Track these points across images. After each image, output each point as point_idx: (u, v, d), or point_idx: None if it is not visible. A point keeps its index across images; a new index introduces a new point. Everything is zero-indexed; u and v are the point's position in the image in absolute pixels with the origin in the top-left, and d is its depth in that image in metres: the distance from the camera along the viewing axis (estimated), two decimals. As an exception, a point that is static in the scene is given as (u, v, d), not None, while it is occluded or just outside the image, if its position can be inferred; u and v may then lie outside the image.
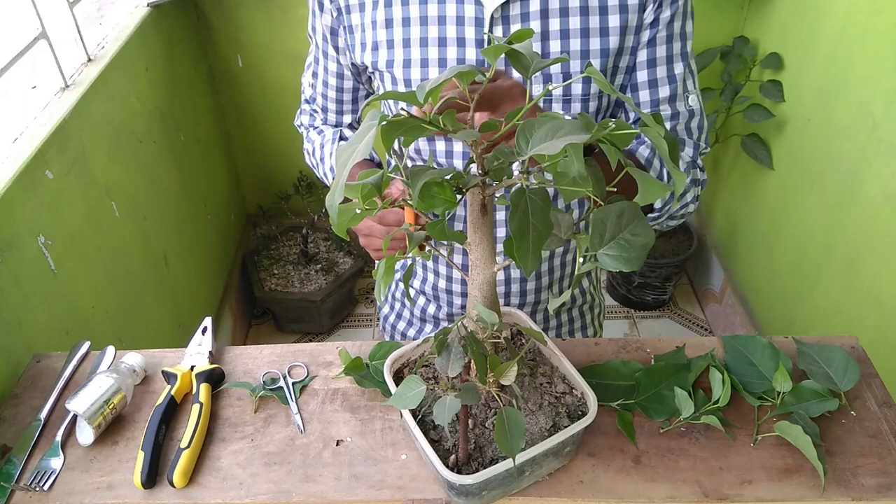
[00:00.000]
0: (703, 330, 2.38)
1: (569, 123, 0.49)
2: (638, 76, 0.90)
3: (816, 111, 1.76)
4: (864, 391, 0.82)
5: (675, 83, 0.91)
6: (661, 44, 0.89)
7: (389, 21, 0.89)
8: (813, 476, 0.73)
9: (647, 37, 0.88)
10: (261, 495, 0.73)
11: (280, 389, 0.84)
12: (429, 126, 0.53)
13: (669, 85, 0.91)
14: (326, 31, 0.96)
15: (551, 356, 0.77)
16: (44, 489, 0.74)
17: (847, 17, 1.62)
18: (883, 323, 1.47)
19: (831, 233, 1.66)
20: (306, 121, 1.13)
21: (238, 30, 2.10)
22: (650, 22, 0.87)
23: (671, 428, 0.79)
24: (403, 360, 0.77)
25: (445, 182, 0.57)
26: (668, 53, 0.89)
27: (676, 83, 0.91)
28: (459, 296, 1.09)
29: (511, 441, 0.59)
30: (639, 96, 0.92)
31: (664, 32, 0.88)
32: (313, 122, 1.12)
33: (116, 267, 1.46)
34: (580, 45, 0.86)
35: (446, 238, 0.61)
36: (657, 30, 0.88)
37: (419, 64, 0.89)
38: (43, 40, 1.29)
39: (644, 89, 0.91)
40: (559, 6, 0.85)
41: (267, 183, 2.44)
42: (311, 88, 1.09)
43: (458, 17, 0.86)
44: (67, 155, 1.27)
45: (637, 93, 0.91)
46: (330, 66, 1.02)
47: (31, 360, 0.92)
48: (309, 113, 1.12)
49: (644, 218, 0.56)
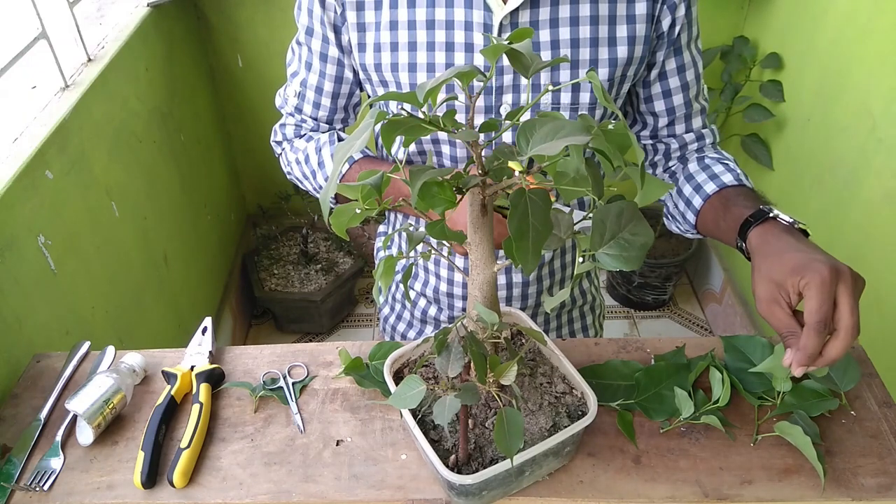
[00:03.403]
0: (703, 330, 2.38)
1: (569, 124, 0.49)
2: (671, 81, 0.95)
3: (816, 111, 1.76)
4: (864, 391, 0.82)
5: (700, 81, 0.98)
6: (685, 49, 0.93)
7: (395, 23, 0.88)
8: (813, 476, 0.73)
9: (674, 45, 0.91)
10: (261, 495, 0.73)
11: (280, 389, 0.84)
12: (429, 126, 0.53)
13: (697, 84, 0.97)
14: (329, 29, 0.92)
15: (551, 356, 0.77)
16: (44, 489, 0.74)
17: (847, 17, 1.62)
18: (883, 323, 1.47)
19: (831, 233, 1.66)
20: (291, 132, 1.04)
21: (238, 30, 2.10)
22: (675, 32, 0.90)
23: (671, 428, 0.79)
24: (404, 360, 0.77)
25: (445, 182, 0.57)
26: (692, 56, 0.95)
27: (701, 81, 0.98)
28: (460, 299, 1.09)
29: (510, 441, 0.59)
30: (672, 100, 0.96)
31: (686, 38, 0.92)
32: (299, 132, 1.04)
33: (116, 267, 1.46)
34: (590, 54, 0.86)
35: (446, 238, 0.61)
36: (681, 37, 0.91)
37: (425, 68, 0.88)
38: (43, 40, 1.29)
39: (678, 93, 0.96)
40: (569, 15, 0.85)
41: (267, 183, 2.44)
42: (296, 98, 1.01)
43: (467, 21, 0.85)
44: (67, 155, 1.27)
45: (672, 98, 0.96)
46: (329, 69, 0.96)
47: (31, 360, 0.92)
48: (294, 125, 1.04)
49: (643, 217, 0.56)
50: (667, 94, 0.96)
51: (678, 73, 0.94)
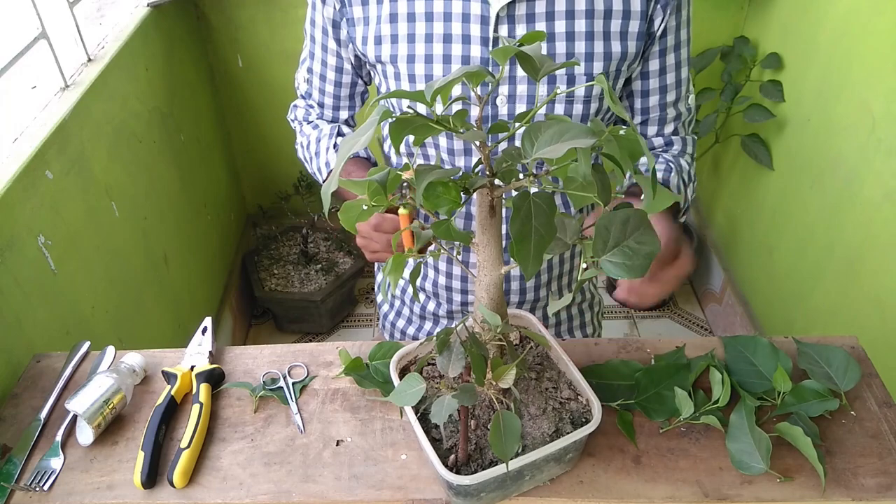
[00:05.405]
0: (703, 330, 2.38)
1: (575, 127, 0.49)
2: (650, 82, 0.94)
3: (816, 111, 1.76)
4: (864, 391, 0.82)
5: (682, 87, 0.97)
6: (670, 52, 0.93)
7: (394, 16, 0.89)
8: (813, 476, 0.73)
9: (659, 46, 0.91)
10: (261, 495, 0.73)
11: (280, 389, 0.84)
12: (437, 125, 0.53)
13: (677, 89, 0.96)
14: (328, 23, 0.96)
15: (559, 361, 0.76)
16: (44, 489, 0.74)
17: (847, 17, 1.62)
18: (883, 323, 1.47)
19: (831, 233, 1.66)
20: (301, 115, 1.11)
21: (238, 30, 2.10)
22: (660, 33, 0.90)
23: (671, 428, 0.79)
24: (410, 358, 0.77)
25: (451, 182, 0.57)
26: (676, 60, 0.94)
27: (682, 87, 0.97)
28: (459, 293, 1.09)
29: (505, 445, 0.58)
30: (648, 101, 0.96)
31: (673, 41, 0.92)
32: (308, 116, 1.11)
33: (116, 267, 1.46)
34: (585, 47, 0.87)
35: (452, 238, 0.61)
36: (666, 39, 0.91)
37: (423, 59, 0.89)
38: (43, 40, 1.29)
39: (654, 94, 0.96)
40: (565, 8, 0.85)
41: (267, 183, 2.44)
42: (306, 84, 1.08)
43: (465, 14, 0.86)
44: (67, 155, 1.27)
45: (648, 98, 0.96)
46: (329, 59, 1.01)
47: (31, 360, 0.92)
48: (304, 108, 1.11)
49: (651, 226, 0.55)
50: (644, 93, 0.96)
51: (659, 74, 0.94)
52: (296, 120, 1.13)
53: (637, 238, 0.55)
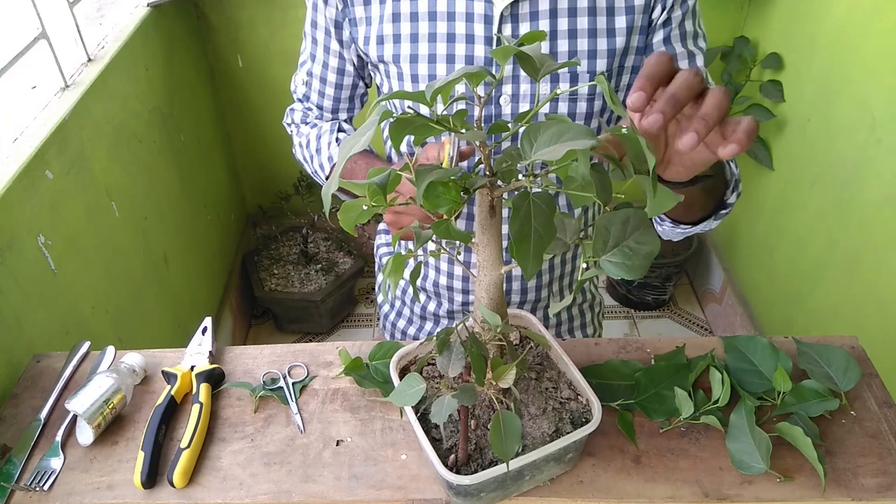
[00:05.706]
0: (703, 330, 2.38)
1: (574, 128, 0.49)
2: None
3: (816, 111, 1.76)
4: (864, 391, 0.82)
5: None
6: (675, 41, 0.91)
7: (397, 15, 0.89)
8: (813, 476, 0.73)
9: (661, 36, 0.90)
10: (261, 495, 0.73)
11: (280, 389, 0.84)
12: (437, 125, 0.53)
13: None
14: (330, 24, 0.95)
15: (559, 361, 0.76)
16: (44, 489, 0.74)
17: (847, 17, 1.62)
18: (883, 323, 1.47)
19: (831, 233, 1.66)
20: (298, 118, 1.11)
21: (238, 30, 2.10)
22: (663, 21, 0.89)
23: (671, 428, 0.79)
24: (410, 358, 0.77)
25: (451, 182, 0.57)
26: (684, 51, 0.92)
27: None
28: (460, 292, 1.09)
29: (505, 444, 0.58)
30: None
31: (677, 31, 0.90)
32: (306, 118, 1.10)
33: (116, 267, 1.46)
34: (587, 45, 0.87)
35: (452, 238, 0.61)
36: (670, 28, 0.90)
37: (427, 59, 0.89)
38: (43, 40, 1.29)
39: None
40: (567, 6, 0.85)
41: (267, 183, 2.44)
42: (304, 87, 1.07)
43: (468, 13, 0.86)
44: (67, 155, 1.27)
45: None
46: (331, 61, 1.01)
47: (31, 360, 0.92)
48: (301, 111, 1.10)
49: (651, 225, 0.55)
50: None
51: None
52: (293, 123, 1.12)
53: (637, 238, 0.54)
